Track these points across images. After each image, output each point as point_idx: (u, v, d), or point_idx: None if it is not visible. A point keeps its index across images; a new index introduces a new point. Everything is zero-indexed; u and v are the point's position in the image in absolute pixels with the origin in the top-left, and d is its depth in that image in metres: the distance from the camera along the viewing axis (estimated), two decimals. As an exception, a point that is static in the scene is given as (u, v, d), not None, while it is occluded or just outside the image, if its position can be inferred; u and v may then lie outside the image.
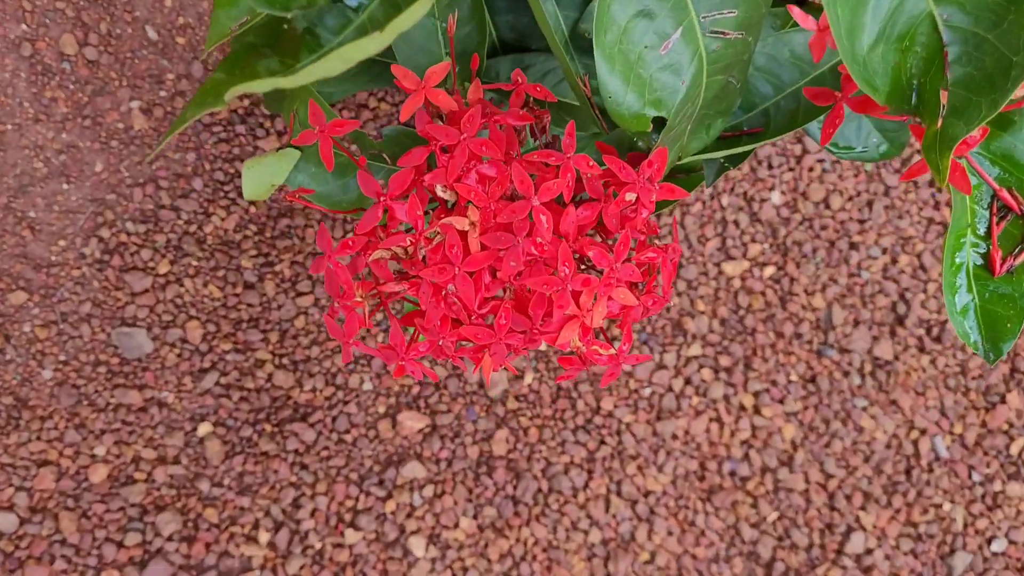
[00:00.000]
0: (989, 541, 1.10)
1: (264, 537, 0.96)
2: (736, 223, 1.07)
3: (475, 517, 1.00)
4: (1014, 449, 1.13)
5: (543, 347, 1.03)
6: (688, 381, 1.06)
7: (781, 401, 1.08)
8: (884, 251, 1.10)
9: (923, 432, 1.10)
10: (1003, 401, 1.13)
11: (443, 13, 0.59)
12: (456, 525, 1.00)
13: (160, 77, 0.91)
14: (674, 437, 1.05)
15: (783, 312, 1.08)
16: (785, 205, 1.09)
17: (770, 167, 1.08)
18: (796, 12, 0.47)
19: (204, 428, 0.94)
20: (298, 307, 0.95)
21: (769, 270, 1.08)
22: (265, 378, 0.96)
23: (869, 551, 1.07)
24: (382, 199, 0.47)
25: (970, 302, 0.46)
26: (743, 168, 1.08)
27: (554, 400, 1.03)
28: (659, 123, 0.46)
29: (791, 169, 1.09)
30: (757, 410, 1.07)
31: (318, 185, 0.59)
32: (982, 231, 0.46)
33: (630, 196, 0.46)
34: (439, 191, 0.47)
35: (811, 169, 1.09)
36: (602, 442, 1.04)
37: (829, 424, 1.08)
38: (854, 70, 0.36)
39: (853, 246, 1.10)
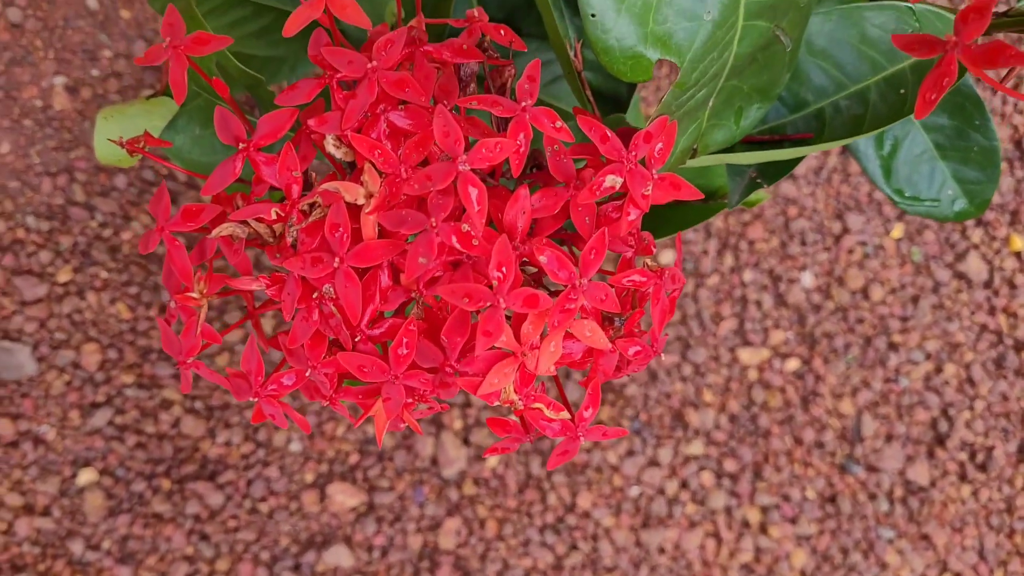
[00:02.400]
0: None
1: (142, 620, 0.78)
2: (758, 304, 0.92)
3: (408, 623, 0.82)
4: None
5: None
6: (684, 484, 0.89)
7: (793, 521, 0.91)
8: (928, 357, 0.94)
9: (957, 577, 0.93)
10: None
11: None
12: (383, 631, 0.81)
13: (94, 53, 0.77)
14: (661, 551, 0.87)
15: (804, 415, 0.92)
16: (817, 289, 0.93)
17: (803, 243, 0.93)
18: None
19: (87, 476, 0.77)
20: (223, 342, 0.79)
21: (792, 363, 0.92)
22: (171, 423, 0.79)
23: None
24: (244, 147, 0.32)
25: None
26: (771, 242, 0.93)
27: (521, 489, 0.85)
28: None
29: (827, 249, 0.93)
30: (763, 529, 0.90)
31: (202, 153, 0.43)
32: None
33: (612, 180, 0.30)
34: (330, 145, 0.32)
35: (851, 251, 0.94)
36: (574, 547, 0.86)
37: (848, 555, 0.91)
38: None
39: (892, 347, 0.94)
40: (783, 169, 0.40)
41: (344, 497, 0.82)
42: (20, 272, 0.77)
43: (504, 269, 0.29)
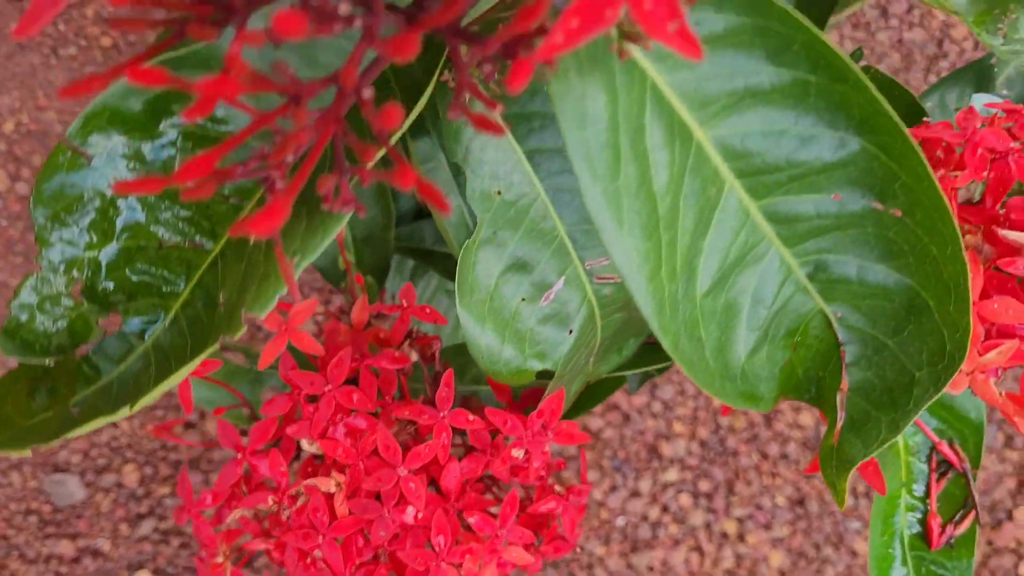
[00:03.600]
0: None
1: None
2: (715, 340, 1.01)
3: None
4: (1023, 569, 1.06)
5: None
6: (665, 508, 1.00)
7: (767, 526, 1.01)
8: (875, 364, 1.04)
9: (922, 554, 1.03)
10: (1010, 518, 1.06)
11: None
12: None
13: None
14: (650, 569, 0.99)
15: (768, 431, 1.02)
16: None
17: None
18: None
19: (142, 577, 0.89)
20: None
21: (751, 388, 1.01)
22: (207, 522, 0.90)
23: None
24: (241, 455, 0.42)
25: (905, 578, 0.40)
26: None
27: (519, 534, 0.97)
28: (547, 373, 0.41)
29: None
30: (741, 537, 1.01)
31: (220, 396, 0.54)
32: (920, 491, 0.40)
33: (517, 452, 0.41)
34: (304, 443, 0.42)
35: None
36: (571, 577, 0.98)
37: (820, 549, 1.02)
38: (726, 389, 0.30)
39: (842, 359, 1.03)
40: (670, 365, 0.50)
41: (365, 564, 0.94)
42: (61, 413, 0.88)
43: (442, 537, 0.40)
